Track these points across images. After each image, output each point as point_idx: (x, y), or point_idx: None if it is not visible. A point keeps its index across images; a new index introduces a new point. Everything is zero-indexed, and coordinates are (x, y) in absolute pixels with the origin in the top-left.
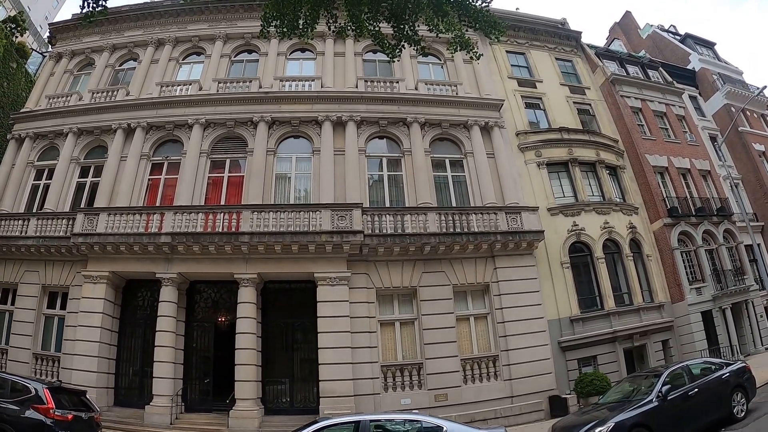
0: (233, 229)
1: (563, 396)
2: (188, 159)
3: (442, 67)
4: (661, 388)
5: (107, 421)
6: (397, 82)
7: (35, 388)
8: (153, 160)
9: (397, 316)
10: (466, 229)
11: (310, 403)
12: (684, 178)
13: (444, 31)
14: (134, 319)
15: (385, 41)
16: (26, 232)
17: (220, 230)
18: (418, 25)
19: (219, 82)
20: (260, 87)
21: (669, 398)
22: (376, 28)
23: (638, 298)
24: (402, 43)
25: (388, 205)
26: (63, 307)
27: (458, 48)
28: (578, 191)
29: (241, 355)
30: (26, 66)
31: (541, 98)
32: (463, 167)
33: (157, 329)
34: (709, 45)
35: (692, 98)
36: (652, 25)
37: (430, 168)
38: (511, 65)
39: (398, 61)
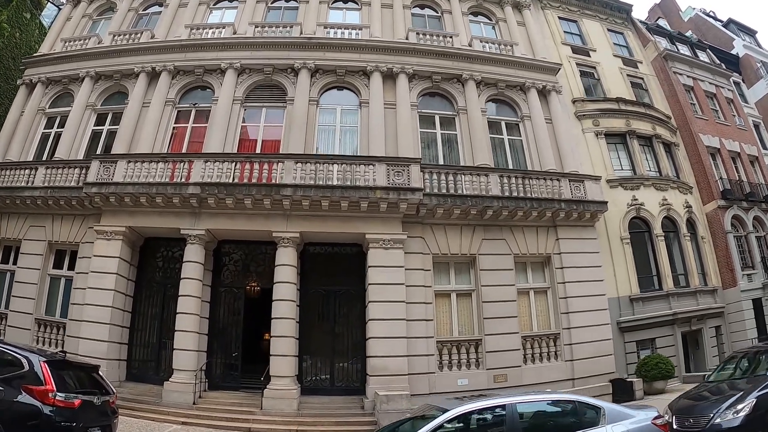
0: (273, 181)
1: (628, 379)
2: (219, 106)
3: (493, 27)
4: None
5: (118, 398)
6: (451, 37)
7: (29, 361)
8: (179, 107)
9: (453, 286)
10: (529, 194)
11: (353, 382)
12: (733, 161)
13: None
14: (152, 282)
15: None
16: (33, 183)
17: (258, 182)
18: None
19: (256, 26)
20: (302, 32)
21: None
22: None
23: (695, 281)
24: None
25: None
26: (71, 267)
27: None
28: (636, 165)
29: (278, 325)
30: (40, 17)
31: (595, 67)
32: (519, 131)
33: (179, 294)
34: (751, 32)
35: (735, 84)
36: (694, 9)
37: (487, 128)
38: (564, 32)
39: (449, 14)
